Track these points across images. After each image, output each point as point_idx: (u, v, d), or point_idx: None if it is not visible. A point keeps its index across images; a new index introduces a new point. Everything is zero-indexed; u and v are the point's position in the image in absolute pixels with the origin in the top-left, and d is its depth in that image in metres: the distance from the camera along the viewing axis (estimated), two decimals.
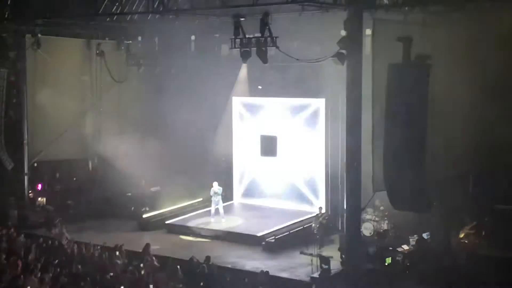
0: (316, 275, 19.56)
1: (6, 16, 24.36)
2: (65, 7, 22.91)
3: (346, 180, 18.97)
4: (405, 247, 20.63)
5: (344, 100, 18.92)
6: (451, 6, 18.15)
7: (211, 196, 25.19)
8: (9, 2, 24.14)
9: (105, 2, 21.60)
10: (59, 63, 26.43)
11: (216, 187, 25.16)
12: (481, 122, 20.04)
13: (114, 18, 23.42)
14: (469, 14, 18.49)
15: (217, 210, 25.11)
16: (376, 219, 22.88)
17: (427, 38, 18.15)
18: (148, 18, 23.10)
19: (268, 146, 26.97)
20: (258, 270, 19.44)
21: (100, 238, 21.74)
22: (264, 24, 19.45)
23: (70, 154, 27.42)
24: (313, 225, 22.90)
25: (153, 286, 17.39)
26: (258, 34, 19.85)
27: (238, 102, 27.99)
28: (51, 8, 23.34)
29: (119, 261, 19.36)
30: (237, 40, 20.24)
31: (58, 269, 18.27)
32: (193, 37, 27.64)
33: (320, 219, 22.96)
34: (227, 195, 27.09)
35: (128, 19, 23.78)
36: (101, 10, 21.86)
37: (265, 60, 20.30)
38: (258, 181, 27.76)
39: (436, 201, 18.24)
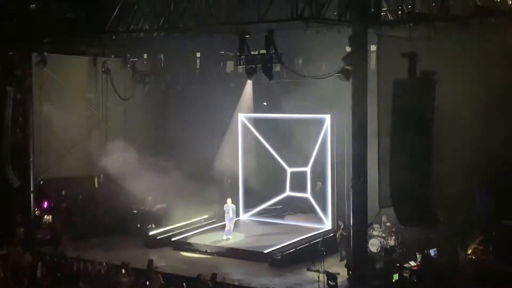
0: None
1: (12, 34, 24.49)
2: (71, 25, 23.03)
3: (353, 196, 18.93)
4: (412, 263, 20.52)
5: (349, 116, 18.92)
6: (456, 22, 18.16)
7: (225, 213, 25.16)
8: (15, 20, 24.27)
9: (111, 20, 21.70)
10: (65, 81, 26.50)
11: (230, 204, 25.14)
12: (488, 137, 20.02)
13: (120, 35, 23.51)
14: (474, 30, 18.53)
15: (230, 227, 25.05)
16: (383, 235, 22.80)
17: (432, 54, 18.18)
18: (154, 35, 23.20)
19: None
20: (265, 287, 19.35)
21: (106, 255, 21.69)
22: (269, 41, 19.52)
23: (76, 171, 27.42)
24: (337, 236, 23.20)
25: None
26: (263, 51, 19.91)
27: (243, 119, 28.02)
28: (58, 26, 23.46)
29: (124, 279, 19.32)
30: (242, 56, 20.30)
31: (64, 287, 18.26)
32: (198, 54, 27.74)
33: (341, 231, 23.04)
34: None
35: (133, 36, 23.87)
36: (107, 28, 21.96)
37: (270, 77, 20.33)
38: (264, 197, 27.70)
39: (443, 217, 18.14)
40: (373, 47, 19.60)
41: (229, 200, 25.35)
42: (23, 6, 23.91)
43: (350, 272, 20.03)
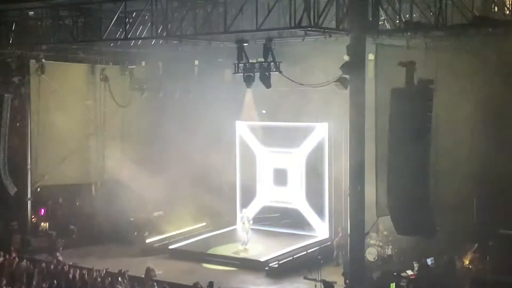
0: None
1: (10, 41, 24.52)
2: (70, 32, 23.05)
3: (350, 205, 18.90)
4: (410, 272, 20.49)
5: (347, 124, 18.92)
6: (453, 31, 18.20)
7: (241, 223, 25.05)
8: (13, 28, 24.30)
9: (109, 27, 21.72)
10: (63, 88, 26.50)
11: (245, 214, 25.06)
12: (485, 146, 20.04)
13: (118, 43, 23.53)
14: (471, 39, 18.58)
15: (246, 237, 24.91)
16: (380, 244, 22.76)
17: (429, 63, 18.22)
18: (152, 43, 23.22)
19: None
20: None
21: (103, 263, 21.62)
22: (267, 49, 19.54)
23: (74, 178, 27.38)
24: (334, 244, 23.45)
25: None
26: (261, 59, 19.93)
27: (242, 127, 28.02)
28: (56, 34, 23.49)
29: (120, 287, 19.27)
30: (240, 65, 20.31)
31: None
32: (196, 62, 27.77)
33: (337, 238, 23.16)
34: (231, 220, 27.06)
35: (132, 44, 23.88)
36: (105, 35, 21.97)
37: (268, 85, 20.35)
38: (261, 206, 27.68)
39: (440, 226, 18.13)
40: (371, 56, 19.61)
41: (244, 211, 25.29)
42: (21, 14, 23.92)
43: (347, 281, 19.96)
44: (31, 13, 24.08)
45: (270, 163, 27.46)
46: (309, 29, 18.50)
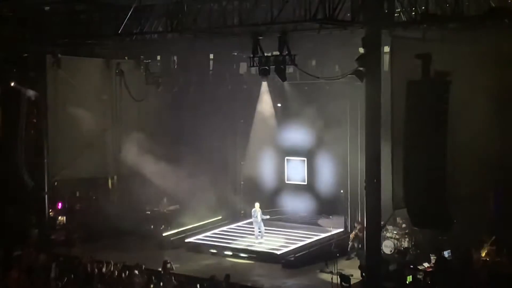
0: None
1: (27, 36, 24.62)
2: (85, 27, 23.14)
3: (366, 198, 18.89)
4: (426, 265, 20.46)
5: (363, 117, 18.89)
6: (469, 23, 18.09)
7: (253, 217, 25.07)
8: (30, 22, 24.40)
9: (125, 22, 21.77)
10: (79, 83, 26.55)
11: (257, 208, 25.07)
12: (502, 138, 19.93)
13: (134, 37, 23.59)
14: (487, 30, 18.45)
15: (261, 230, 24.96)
16: (397, 236, 22.70)
17: (446, 55, 18.11)
18: (167, 37, 23.24)
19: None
20: None
21: (120, 256, 21.73)
22: (282, 42, 19.52)
23: (90, 172, 27.48)
24: (350, 237, 23.38)
25: None
26: (277, 52, 19.92)
27: (257, 119, 28.01)
28: (71, 28, 23.58)
29: (137, 280, 19.37)
30: (255, 58, 20.31)
31: None
32: (211, 56, 27.76)
33: (356, 231, 23.16)
34: (247, 213, 27.06)
35: (147, 38, 23.93)
36: (120, 30, 22.03)
37: (283, 78, 20.35)
38: (277, 199, 27.70)
39: (457, 218, 18.06)
40: (386, 48, 19.55)
41: (257, 205, 25.31)
42: (37, 8, 24.02)
43: (363, 274, 19.98)
44: (46, 8, 24.18)
45: (285, 156, 27.45)
46: (324, 21, 18.46)
